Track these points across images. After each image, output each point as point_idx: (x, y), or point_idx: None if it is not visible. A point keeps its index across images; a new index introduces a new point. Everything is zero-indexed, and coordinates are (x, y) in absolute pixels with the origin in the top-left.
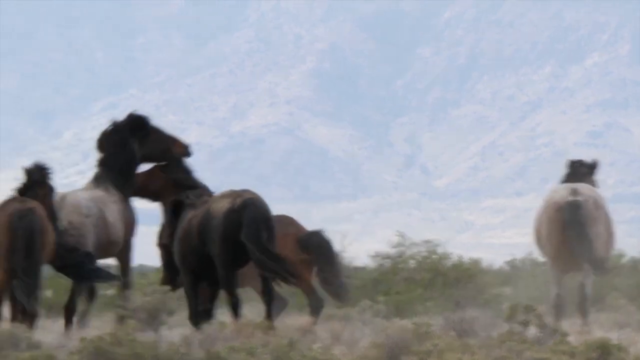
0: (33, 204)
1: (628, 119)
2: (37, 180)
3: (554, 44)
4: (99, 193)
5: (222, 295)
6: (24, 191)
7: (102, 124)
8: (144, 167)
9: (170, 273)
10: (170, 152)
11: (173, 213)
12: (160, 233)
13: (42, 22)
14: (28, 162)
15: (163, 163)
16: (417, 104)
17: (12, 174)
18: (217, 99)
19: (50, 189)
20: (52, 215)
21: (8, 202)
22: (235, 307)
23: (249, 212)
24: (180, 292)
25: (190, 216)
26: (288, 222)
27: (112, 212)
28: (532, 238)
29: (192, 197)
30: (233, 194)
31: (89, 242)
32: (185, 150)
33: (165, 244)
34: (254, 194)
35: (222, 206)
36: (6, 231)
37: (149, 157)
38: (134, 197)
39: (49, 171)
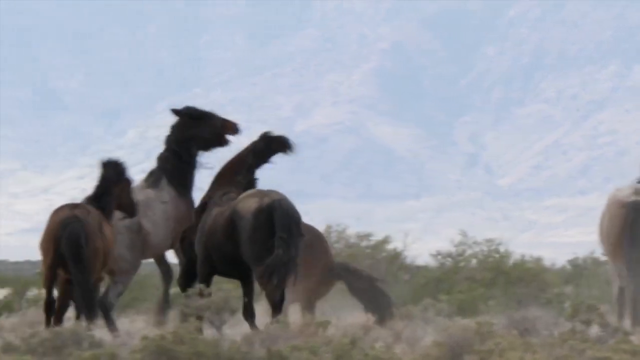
0: (81, 210)
1: None
2: (111, 177)
3: (618, 43)
4: (146, 194)
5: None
6: (99, 189)
7: (167, 123)
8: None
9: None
10: (221, 133)
11: (201, 210)
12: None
13: (109, 20)
14: (93, 161)
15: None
16: (481, 103)
17: (77, 173)
18: (280, 98)
19: (126, 185)
20: (130, 211)
21: (60, 209)
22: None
23: (280, 212)
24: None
25: (216, 213)
26: (316, 234)
27: (154, 214)
28: (597, 236)
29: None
30: (259, 194)
31: (120, 244)
32: (234, 130)
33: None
34: (281, 194)
35: (250, 205)
36: (51, 240)
37: (202, 140)
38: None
39: (124, 167)
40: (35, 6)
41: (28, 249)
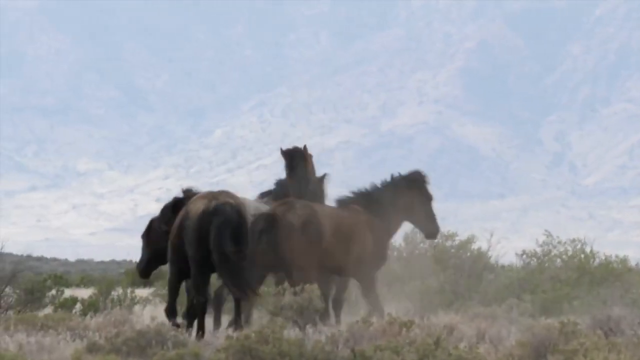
0: (228, 199)
1: None
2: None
3: None
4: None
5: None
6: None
7: (252, 122)
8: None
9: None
10: None
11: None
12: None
13: (194, 20)
14: (178, 160)
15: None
16: (567, 102)
17: (162, 172)
18: (366, 97)
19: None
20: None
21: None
22: (198, 308)
23: (217, 218)
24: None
25: (180, 214)
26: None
27: None
28: None
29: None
30: (209, 196)
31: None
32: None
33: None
34: (231, 197)
35: (197, 208)
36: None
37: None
38: None
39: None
40: (121, 6)
41: (113, 248)
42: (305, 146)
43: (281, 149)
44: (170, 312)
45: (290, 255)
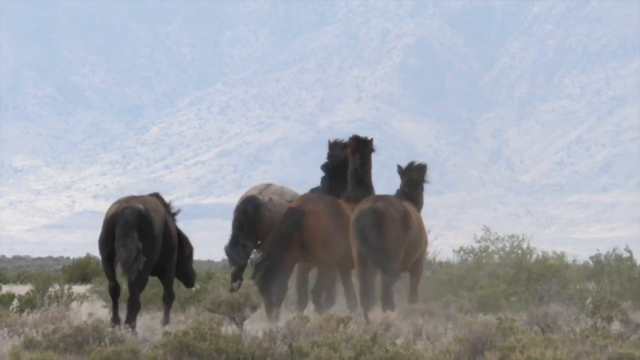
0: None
1: None
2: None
3: None
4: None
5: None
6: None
7: (189, 119)
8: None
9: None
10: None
11: None
12: None
13: (131, 17)
14: (115, 157)
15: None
16: (504, 99)
17: (98, 169)
18: (304, 94)
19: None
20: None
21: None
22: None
23: (118, 224)
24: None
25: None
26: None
27: None
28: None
29: None
30: (129, 199)
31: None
32: None
33: None
34: (142, 202)
35: (114, 209)
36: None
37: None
38: None
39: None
40: (59, 4)
41: (49, 245)
42: (372, 139)
43: (356, 136)
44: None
45: (393, 246)
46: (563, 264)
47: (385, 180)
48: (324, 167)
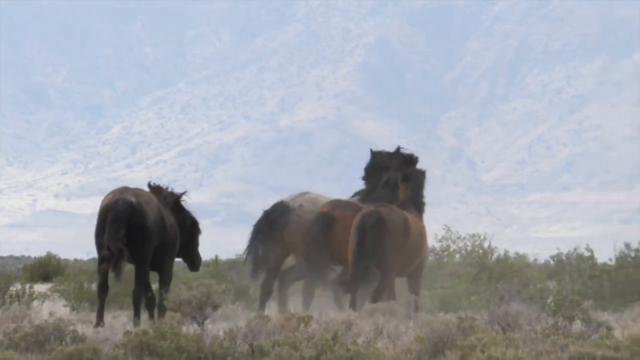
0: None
1: None
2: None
3: (603, 38)
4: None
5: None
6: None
7: (151, 118)
8: None
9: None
10: None
11: None
12: None
13: (93, 16)
14: (77, 156)
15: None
16: (466, 99)
17: (60, 168)
18: (265, 93)
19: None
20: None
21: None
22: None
23: (109, 216)
24: (225, 286)
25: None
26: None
27: None
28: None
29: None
30: (118, 191)
31: None
32: None
33: None
34: (134, 194)
35: (104, 202)
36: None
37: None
38: None
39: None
40: (21, 2)
41: (10, 244)
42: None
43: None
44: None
45: (390, 252)
46: (524, 263)
47: (348, 180)
48: (368, 176)
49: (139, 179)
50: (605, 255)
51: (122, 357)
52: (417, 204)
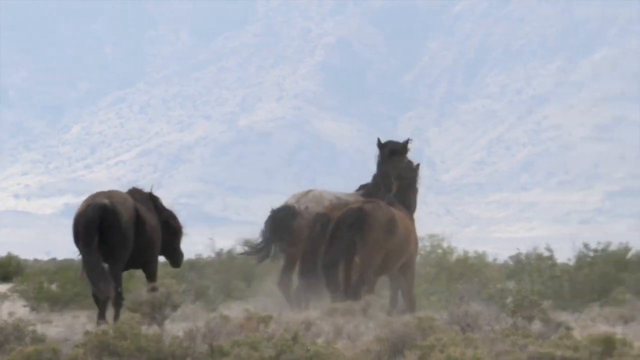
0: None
1: (638, 112)
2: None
3: (563, 38)
4: (348, 197)
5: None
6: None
7: (110, 118)
8: None
9: None
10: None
11: None
12: None
13: (54, 16)
14: (37, 157)
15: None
16: (426, 98)
17: (20, 169)
18: (225, 93)
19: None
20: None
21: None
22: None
23: (83, 219)
24: (185, 286)
25: None
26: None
27: None
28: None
29: None
30: (95, 196)
31: None
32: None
33: None
34: (107, 196)
35: (80, 208)
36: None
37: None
38: None
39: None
40: None
41: None
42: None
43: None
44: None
45: (371, 249)
46: (483, 263)
47: (307, 180)
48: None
49: (98, 179)
50: (564, 255)
51: (82, 357)
52: (405, 200)
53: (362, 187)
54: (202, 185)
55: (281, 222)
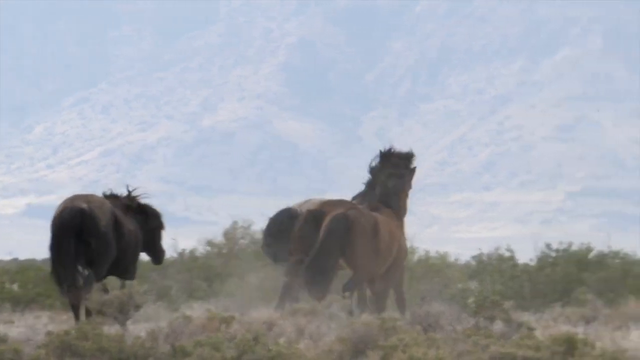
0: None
1: (599, 113)
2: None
3: (525, 38)
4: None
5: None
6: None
7: (73, 118)
8: None
9: None
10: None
11: None
12: None
13: (17, 16)
14: (0, 157)
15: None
16: (388, 98)
17: None
18: (187, 94)
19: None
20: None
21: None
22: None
23: (58, 221)
24: (147, 286)
25: None
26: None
27: None
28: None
29: None
30: (73, 199)
31: None
32: None
33: None
34: (85, 201)
35: (58, 210)
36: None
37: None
38: None
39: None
40: None
41: None
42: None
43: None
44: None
45: (359, 255)
46: (445, 263)
47: (270, 180)
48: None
49: (60, 179)
50: (525, 255)
51: (44, 358)
52: (393, 205)
53: (356, 196)
54: (164, 186)
55: (276, 224)
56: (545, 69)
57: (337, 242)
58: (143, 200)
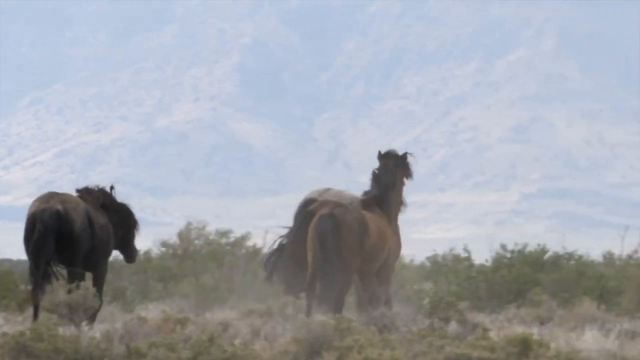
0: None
1: (553, 113)
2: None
3: (479, 39)
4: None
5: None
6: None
7: (28, 119)
8: None
9: None
10: None
11: None
12: None
13: None
14: None
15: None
16: (341, 99)
17: None
18: (142, 94)
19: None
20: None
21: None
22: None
23: (39, 222)
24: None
25: None
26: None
27: None
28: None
29: None
30: (49, 197)
31: None
32: None
33: None
34: (61, 201)
35: (30, 209)
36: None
37: None
38: None
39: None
40: None
41: None
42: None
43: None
44: None
45: (348, 254)
46: (400, 264)
47: (224, 181)
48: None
49: (15, 180)
50: (480, 256)
51: None
52: (386, 203)
53: (366, 192)
54: (119, 186)
55: (301, 215)
56: (500, 69)
57: (331, 244)
58: (119, 200)
